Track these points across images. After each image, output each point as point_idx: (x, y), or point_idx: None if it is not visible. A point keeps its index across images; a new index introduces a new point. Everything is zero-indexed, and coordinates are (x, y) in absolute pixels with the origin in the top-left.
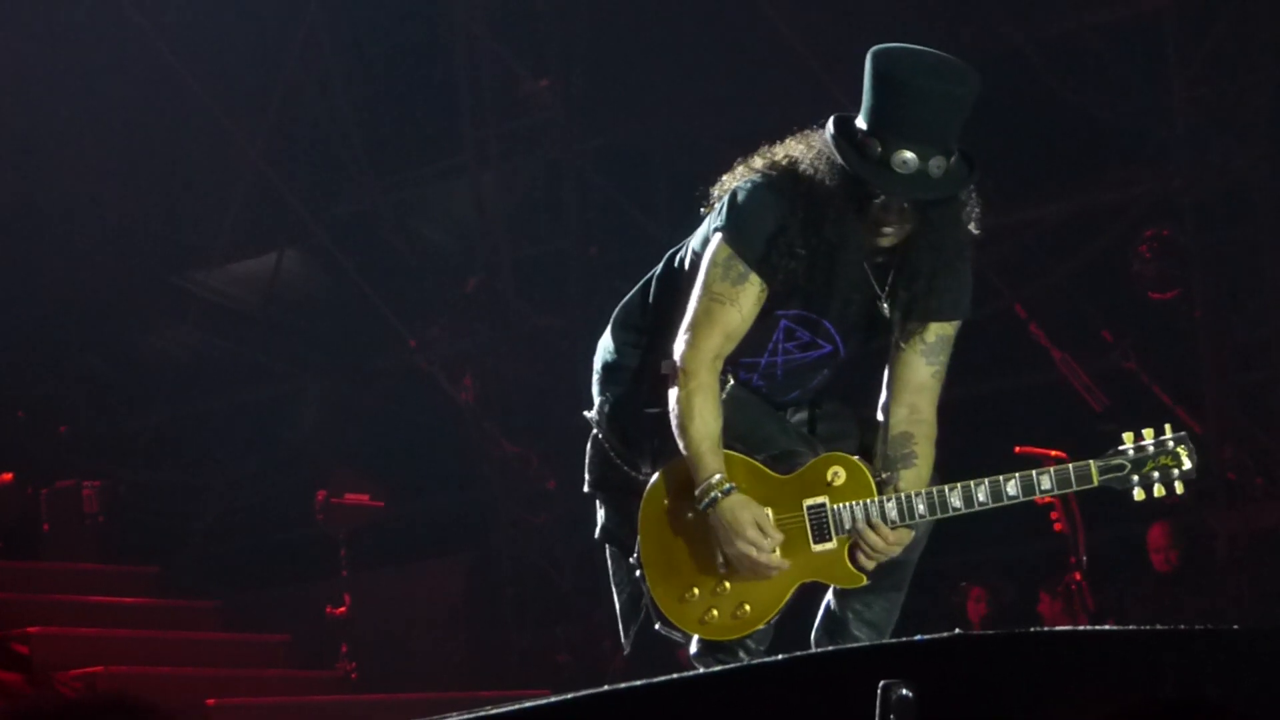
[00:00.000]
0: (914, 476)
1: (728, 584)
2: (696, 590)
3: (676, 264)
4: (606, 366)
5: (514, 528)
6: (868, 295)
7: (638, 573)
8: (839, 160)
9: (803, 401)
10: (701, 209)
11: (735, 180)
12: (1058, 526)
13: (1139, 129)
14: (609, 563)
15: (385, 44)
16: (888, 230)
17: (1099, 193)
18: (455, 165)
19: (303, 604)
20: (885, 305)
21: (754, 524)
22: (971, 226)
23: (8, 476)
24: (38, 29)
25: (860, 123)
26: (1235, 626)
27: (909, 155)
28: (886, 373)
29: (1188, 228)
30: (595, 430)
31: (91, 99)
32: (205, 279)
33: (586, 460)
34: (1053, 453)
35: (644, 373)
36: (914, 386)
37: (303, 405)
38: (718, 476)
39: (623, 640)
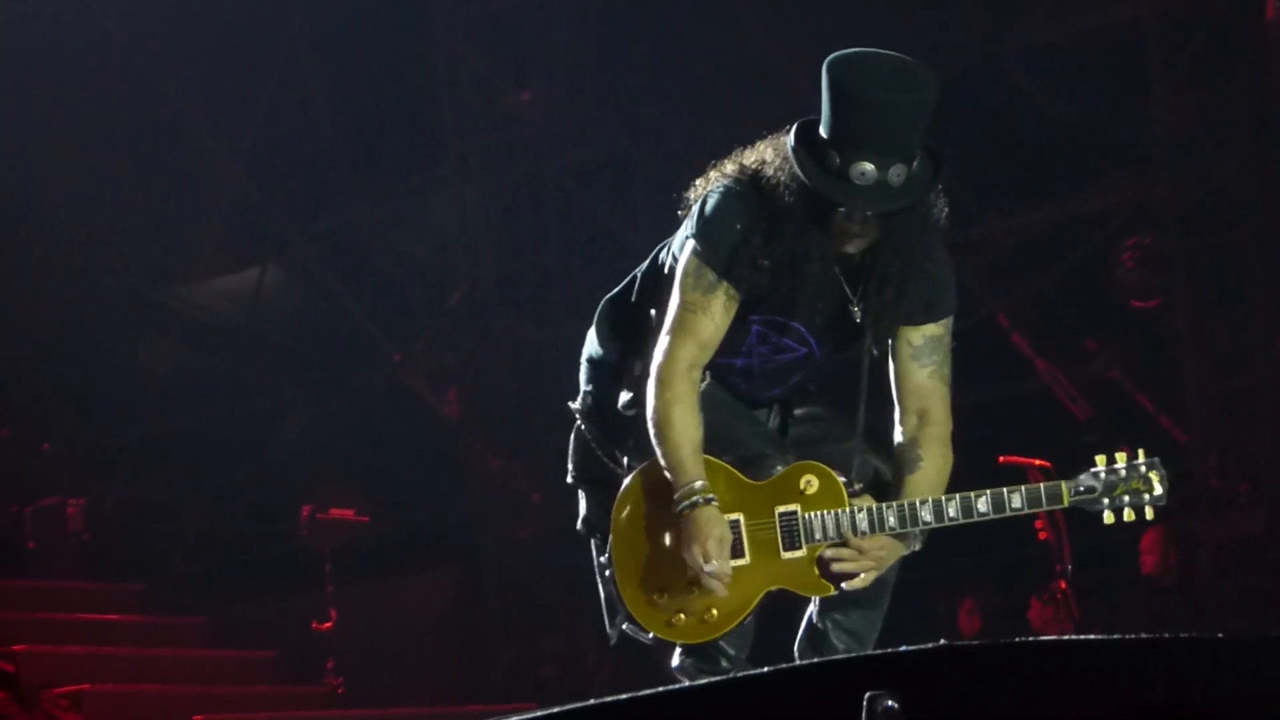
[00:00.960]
0: (919, 479)
1: (695, 588)
2: (666, 593)
3: (659, 263)
4: (590, 360)
5: (499, 541)
6: (838, 301)
7: (608, 573)
8: (798, 170)
9: (786, 398)
10: (679, 211)
11: (708, 184)
12: (1042, 535)
13: (1120, 137)
14: (592, 553)
15: (366, 58)
16: (852, 239)
17: (1081, 201)
18: (437, 179)
19: (289, 619)
20: (857, 310)
21: (716, 540)
22: (941, 221)
23: None
24: (18, 46)
25: (822, 130)
26: (1220, 634)
27: (868, 167)
28: (895, 393)
29: (1170, 236)
30: (578, 421)
31: (73, 115)
32: (189, 294)
33: (570, 451)
34: (1037, 462)
35: (625, 370)
36: (916, 392)
37: (287, 420)
38: (700, 483)
39: (608, 629)
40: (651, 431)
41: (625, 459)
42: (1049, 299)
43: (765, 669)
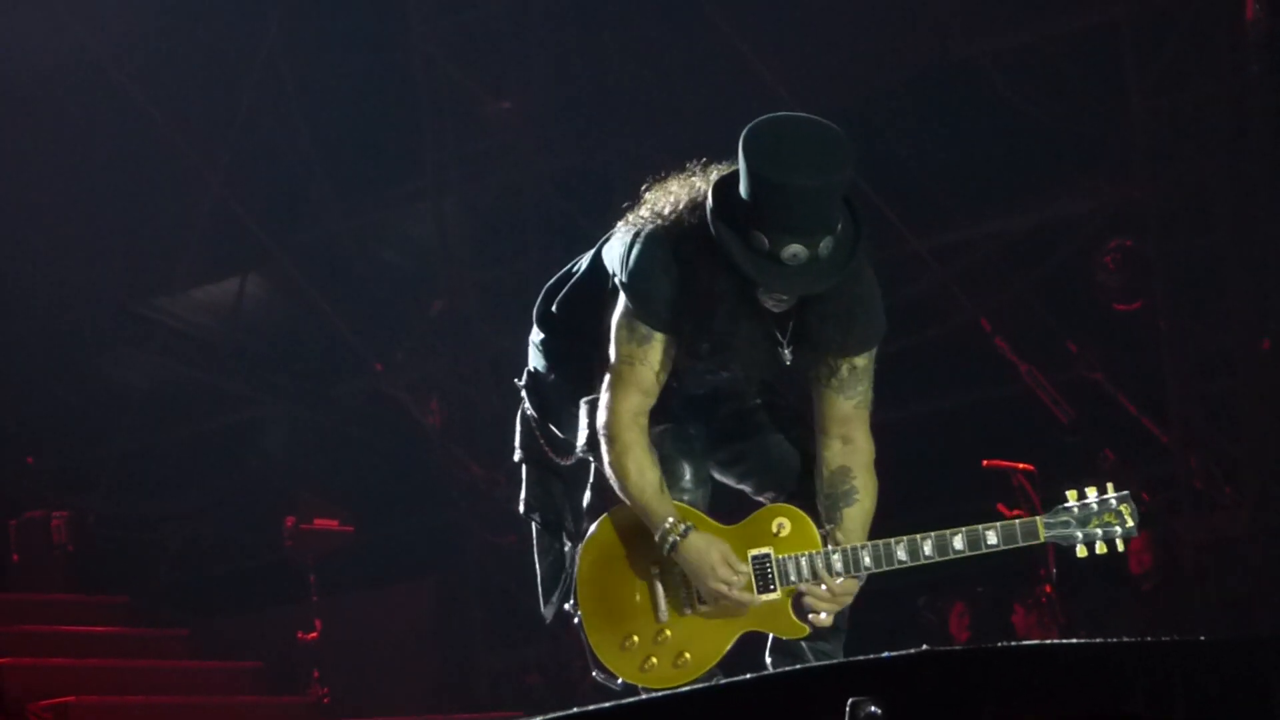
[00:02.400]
0: (858, 512)
1: (668, 632)
2: (636, 638)
3: (594, 268)
4: (532, 345)
5: (482, 549)
6: (768, 344)
7: (576, 619)
8: (725, 253)
9: (716, 400)
10: (623, 221)
11: (641, 216)
12: None
13: (1099, 140)
14: (532, 533)
15: (345, 68)
16: (781, 300)
17: (1061, 205)
18: (417, 189)
19: (273, 630)
20: (787, 353)
21: (723, 561)
22: (866, 250)
23: None
24: None
25: (742, 194)
26: (1202, 636)
27: (797, 248)
28: (815, 416)
29: (1150, 238)
30: (522, 401)
31: (52, 128)
32: (169, 306)
33: (516, 429)
34: (1020, 465)
35: (561, 365)
36: (840, 420)
37: (269, 431)
38: (672, 519)
39: (543, 609)
40: (614, 486)
41: (561, 451)
42: (1030, 302)
43: (748, 675)
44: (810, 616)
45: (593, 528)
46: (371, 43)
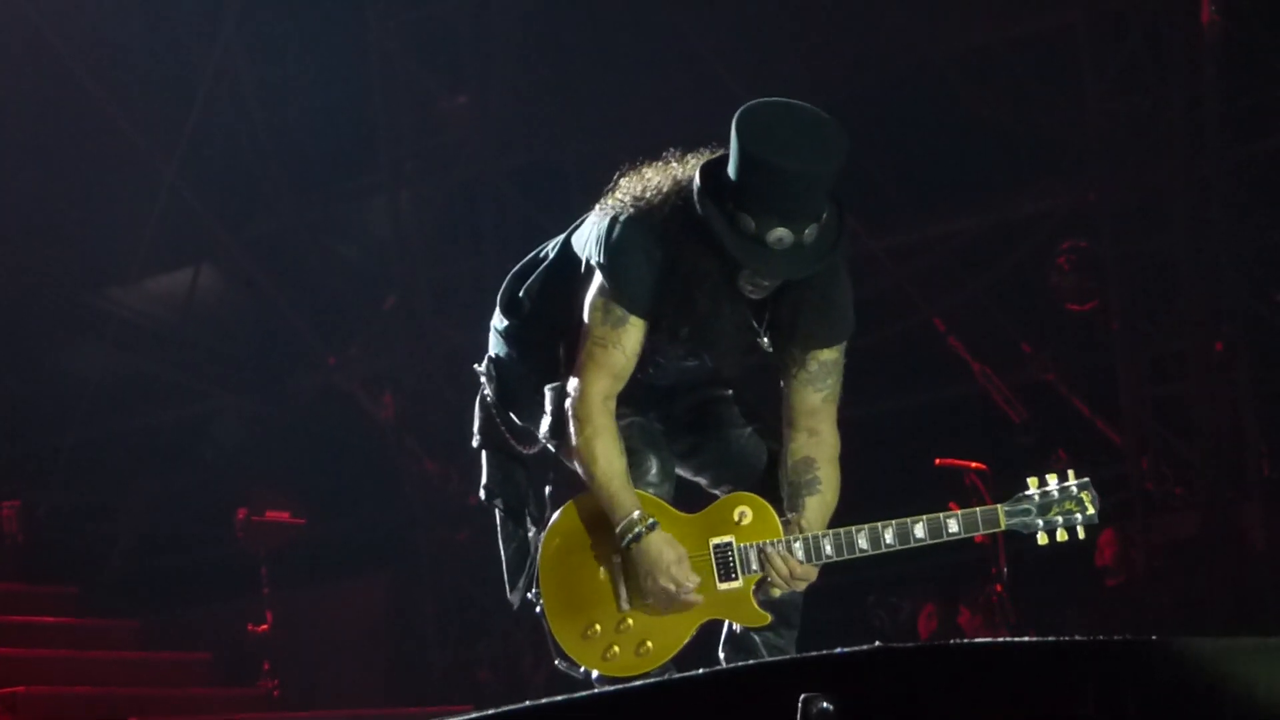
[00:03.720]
0: (819, 503)
1: (630, 620)
2: (599, 626)
3: (563, 255)
4: (495, 331)
5: (435, 544)
6: (745, 332)
7: (538, 608)
8: (711, 232)
9: (677, 391)
10: (598, 206)
11: (620, 200)
12: (979, 538)
13: (1054, 142)
14: (496, 520)
15: (301, 61)
16: (761, 286)
17: (1015, 205)
18: (371, 184)
19: (224, 622)
20: (765, 341)
21: (679, 562)
22: (844, 247)
23: None
24: None
25: (730, 176)
26: (1154, 636)
27: (783, 232)
28: (783, 408)
29: (1104, 240)
30: (482, 387)
31: (4, 116)
32: (121, 297)
33: (475, 415)
34: (973, 464)
35: (525, 352)
36: (808, 412)
37: (222, 423)
38: (638, 513)
39: (509, 595)
40: (579, 469)
41: (523, 438)
42: (984, 303)
43: (700, 670)
44: (767, 588)
45: (555, 515)
46: (328, 36)
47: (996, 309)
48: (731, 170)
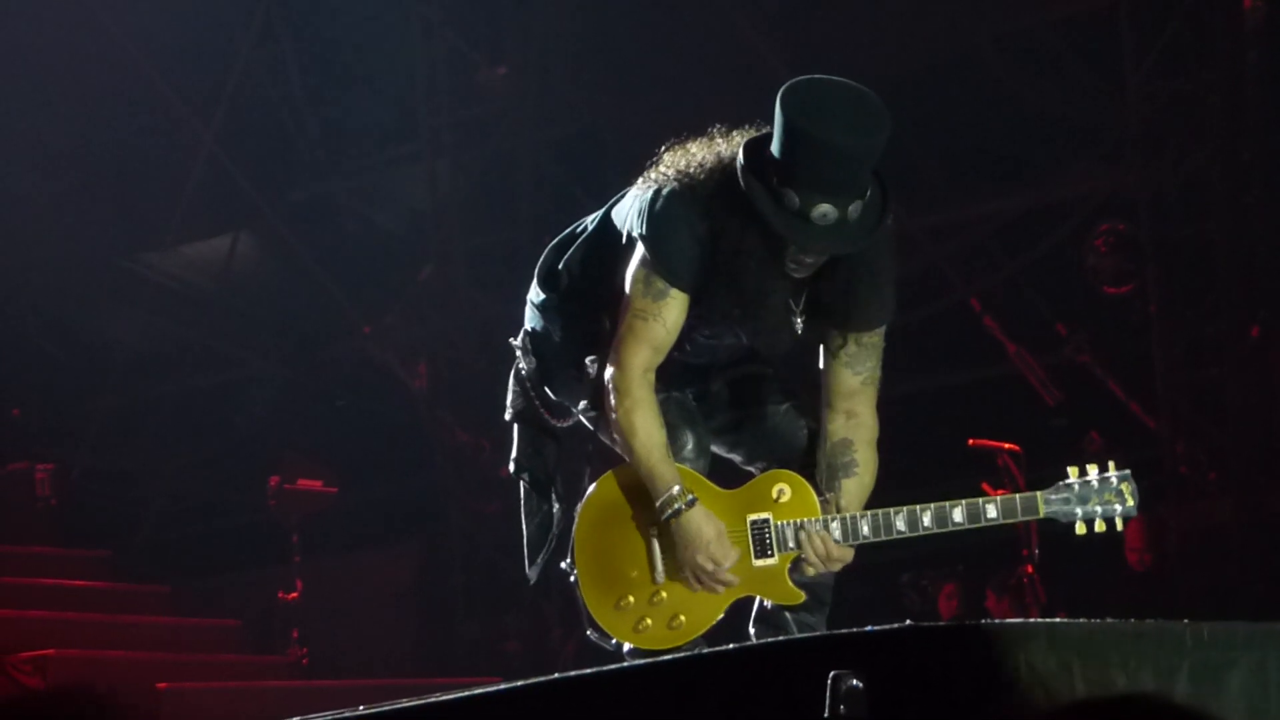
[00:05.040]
0: (856, 485)
1: (664, 594)
2: (632, 598)
3: (603, 228)
4: (532, 305)
5: (466, 515)
6: (783, 313)
7: (572, 578)
8: (755, 207)
9: (713, 369)
10: (640, 180)
11: (664, 173)
12: None
13: (1094, 124)
14: (521, 493)
15: (341, 29)
16: (804, 267)
17: (1054, 187)
18: (409, 152)
19: (255, 589)
20: (800, 322)
21: (718, 539)
22: (888, 231)
23: None
24: None
25: (774, 152)
26: (1186, 621)
27: (827, 208)
28: (823, 389)
29: (1142, 223)
30: (517, 360)
31: (44, 81)
32: (158, 263)
33: (509, 388)
34: (1007, 445)
35: (561, 327)
36: (846, 395)
37: (256, 391)
38: (678, 488)
39: (527, 570)
40: (618, 442)
41: (557, 411)
42: (1021, 284)
43: (730, 646)
44: (802, 566)
45: (593, 487)
46: (369, 5)
47: (1033, 290)
48: (776, 145)
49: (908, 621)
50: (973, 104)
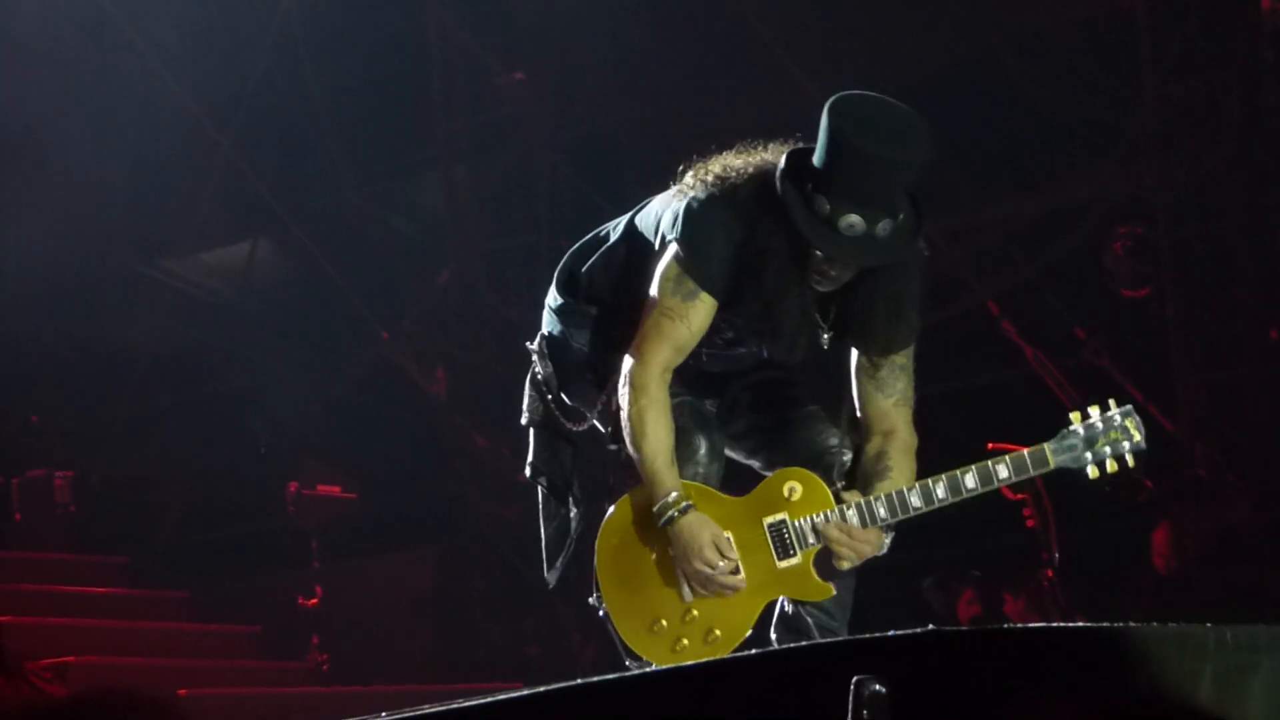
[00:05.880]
0: (888, 485)
1: (695, 611)
2: (664, 620)
3: (627, 236)
4: (550, 309)
5: (485, 520)
6: (809, 328)
7: (601, 612)
8: (786, 210)
9: (730, 376)
10: (672, 184)
11: (702, 179)
12: (1030, 522)
13: (1110, 126)
14: (539, 497)
15: (358, 35)
16: (828, 280)
17: (1071, 190)
18: (427, 158)
19: (274, 595)
20: (826, 339)
21: (711, 544)
22: (920, 257)
23: None
24: (7, 17)
25: (815, 160)
26: (1206, 624)
27: (855, 219)
28: (857, 411)
29: (1160, 225)
30: (533, 364)
31: (63, 86)
32: (177, 268)
33: (525, 393)
34: (1025, 449)
35: (579, 332)
36: (880, 416)
37: (275, 396)
38: (674, 494)
39: (545, 574)
40: (627, 439)
41: (573, 417)
42: (1038, 287)
43: (753, 651)
44: (834, 563)
45: (609, 511)
46: (386, 10)
47: (1051, 293)
48: (817, 153)
49: (929, 626)
50: (989, 106)
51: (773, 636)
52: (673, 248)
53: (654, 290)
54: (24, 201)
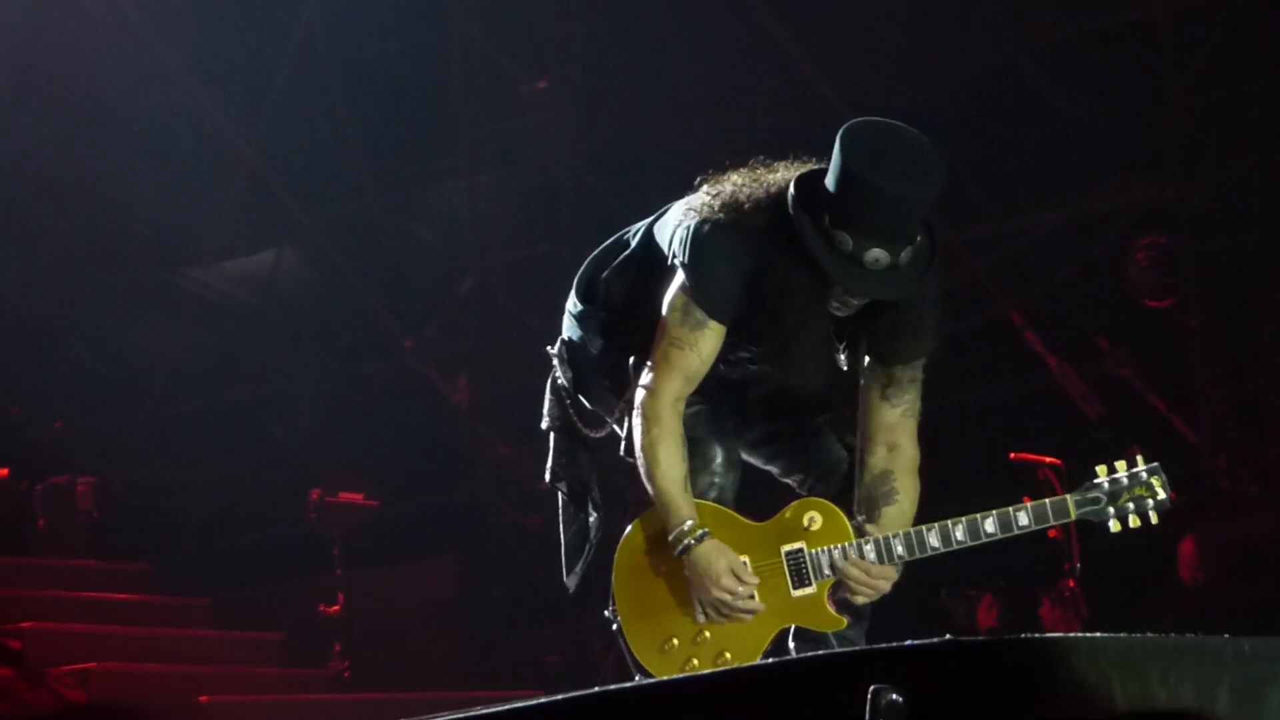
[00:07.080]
0: (896, 512)
1: (707, 633)
2: (676, 640)
3: (646, 245)
4: (569, 315)
5: (506, 528)
6: (824, 349)
7: (615, 626)
8: (806, 247)
9: (748, 382)
10: (685, 204)
11: (713, 198)
12: (1052, 533)
13: (1133, 137)
14: (559, 502)
15: (381, 43)
16: (849, 305)
17: (1094, 201)
18: (450, 167)
19: (296, 602)
20: (843, 359)
21: (729, 571)
22: (933, 272)
23: (3, 472)
24: (33, 24)
25: (829, 191)
26: (1226, 635)
27: (880, 253)
28: (859, 417)
29: (1183, 236)
30: (554, 369)
31: (87, 95)
32: (200, 276)
33: (545, 398)
34: (1047, 459)
35: (598, 338)
36: (886, 428)
37: (298, 404)
38: (690, 523)
39: (565, 578)
40: (641, 470)
41: (591, 407)
42: (1062, 297)
43: (770, 660)
44: (849, 598)
45: (627, 530)
46: (409, 18)
47: (1074, 304)
48: (831, 185)
49: (947, 635)
50: (1012, 117)
51: (790, 646)
52: (680, 276)
53: (663, 316)
54: (50, 210)
